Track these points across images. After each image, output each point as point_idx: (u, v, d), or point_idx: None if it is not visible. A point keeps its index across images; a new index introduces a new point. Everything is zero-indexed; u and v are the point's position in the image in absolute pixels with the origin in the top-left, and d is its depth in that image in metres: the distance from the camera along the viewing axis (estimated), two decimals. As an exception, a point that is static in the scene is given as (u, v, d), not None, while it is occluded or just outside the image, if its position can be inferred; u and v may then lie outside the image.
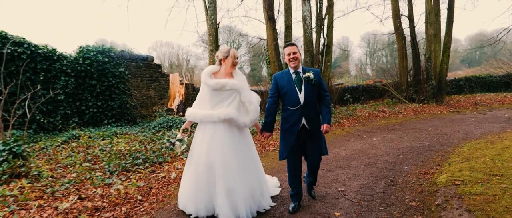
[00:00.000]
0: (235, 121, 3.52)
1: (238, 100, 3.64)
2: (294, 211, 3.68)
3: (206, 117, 3.55)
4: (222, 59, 3.70)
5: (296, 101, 3.56)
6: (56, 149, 6.84)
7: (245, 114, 3.67)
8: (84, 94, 9.66)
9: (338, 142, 7.92)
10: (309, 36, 13.70)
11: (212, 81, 3.55)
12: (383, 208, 3.77)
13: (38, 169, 5.01)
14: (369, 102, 16.40)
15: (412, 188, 4.42)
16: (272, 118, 3.78)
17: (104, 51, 10.07)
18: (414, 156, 6.23)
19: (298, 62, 3.62)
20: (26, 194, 4.02)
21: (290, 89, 3.59)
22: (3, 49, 8.01)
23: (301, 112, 3.57)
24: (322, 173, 5.31)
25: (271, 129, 3.81)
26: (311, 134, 3.64)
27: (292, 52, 3.59)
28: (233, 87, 3.57)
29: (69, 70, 9.26)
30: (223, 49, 3.71)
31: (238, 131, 3.65)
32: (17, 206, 3.69)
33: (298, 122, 3.57)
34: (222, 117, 3.48)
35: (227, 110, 3.51)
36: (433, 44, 14.63)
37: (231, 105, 3.56)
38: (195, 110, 3.69)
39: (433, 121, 10.86)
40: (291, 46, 3.63)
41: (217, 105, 3.58)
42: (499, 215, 3.05)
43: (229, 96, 3.58)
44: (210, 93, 3.59)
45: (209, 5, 11.19)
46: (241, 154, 3.56)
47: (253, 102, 3.65)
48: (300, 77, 3.61)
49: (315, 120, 3.64)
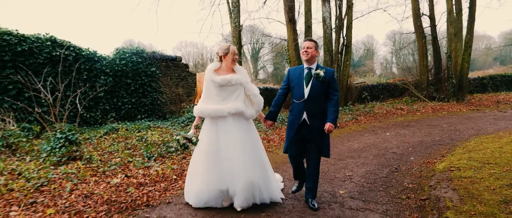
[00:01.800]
0: (244, 113, 3.70)
1: (244, 94, 3.82)
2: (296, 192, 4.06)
3: (216, 112, 3.66)
4: (222, 56, 3.81)
5: (301, 95, 3.67)
6: (99, 139, 7.81)
7: (250, 106, 3.86)
8: (120, 92, 10.68)
9: (352, 136, 8.45)
10: (328, 36, 14.19)
11: (218, 78, 3.70)
12: (382, 189, 4.34)
13: (89, 154, 5.92)
14: (388, 100, 16.64)
15: (412, 174, 4.95)
16: (276, 108, 3.92)
17: (138, 52, 11.05)
18: (423, 149, 6.68)
19: (310, 57, 3.69)
20: (83, 172, 4.90)
21: (298, 83, 3.71)
22: (53, 52, 9.11)
23: (304, 106, 3.66)
24: (334, 161, 5.91)
25: (274, 118, 3.97)
26: (312, 132, 3.67)
27: (307, 47, 3.69)
28: (238, 81, 3.73)
29: (107, 70, 10.29)
30: (223, 46, 3.84)
31: (245, 123, 3.78)
32: (78, 180, 4.55)
33: (299, 116, 3.68)
34: (232, 111, 3.63)
35: (235, 104, 3.67)
36: (453, 43, 14.73)
37: (238, 99, 3.74)
38: (203, 106, 3.77)
39: (450, 118, 11.12)
40: (308, 41, 3.74)
41: (225, 100, 3.71)
42: (478, 192, 3.57)
43: (235, 90, 3.74)
44: (217, 89, 3.72)
45: (233, 9, 11.97)
46: (248, 144, 3.67)
47: (257, 95, 3.85)
48: (310, 73, 3.69)
49: (318, 117, 3.66)
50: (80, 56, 9.73)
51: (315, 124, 3.65)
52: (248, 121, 3.83)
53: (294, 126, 3.72)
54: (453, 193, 3.67)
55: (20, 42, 8.63)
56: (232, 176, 3.54)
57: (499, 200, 3.29)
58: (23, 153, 6.18)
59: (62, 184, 4.38)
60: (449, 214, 3.14)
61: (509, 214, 2.99)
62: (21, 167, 4.92)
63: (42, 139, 7.46)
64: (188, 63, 40.16)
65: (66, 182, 4.43)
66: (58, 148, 5.71)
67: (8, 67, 8.44)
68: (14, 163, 5.18)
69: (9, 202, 3.73)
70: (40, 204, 3.71)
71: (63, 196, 3.99)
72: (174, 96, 12.06)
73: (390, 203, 3.82)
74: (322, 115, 3.67)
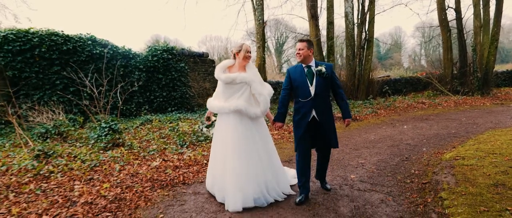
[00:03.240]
0: (244, 112, 3.70)
1: (249, 92, 3.80)
2: (300, 203, 3.74)
3: (219, 109, 3.82)
4: (235, 53, 3.89)
5: (307, 94, 3.69)
6: (136, 129, 8.65)
7: (256, 105, 3.82)
8: (153, 86, 11.55)
9: (370, 128, 8.84)
10: (350, 31, 14.50)
11: (223, 76, 3.78)
12: (390, 175, 4.82)
13: (130, 141, 6.72)
14: (411, 94, 16.68)
15: (421, 162, 5.37)
16: (283, 109, 3.92)
17: (168, 49, 11.85)
18: (437, 141, 7.01)
19: (303, 58, 3.73)
20: (127, 156, 5.67)
21: (302, 82, 3.71)
22: (93, 50, 10.05)
23: (312, 104, 3.69)
24: (349, 151, 6.39)
25: (283, 120, 3.95)
26: (321, 126, 3.75)
27: (299, 48, 3.73)
28: (243, 80, 3.74)
29: (141, 66, 11.16)
30: (237, 44, 3.92)
31: (251, 121, 3.80)
32: (124, 163, 5.32)
33: (308, 114, 3.70)
34: (232, 109, 3.69)
35: (237, 102, 3.71)
36: (479, 36, 14.60)
37: (241, 97, 3.76)
38: (213, 102, 3.96)
39: (471, 112, 11.20)
40: (299, 42, 3.77)
41: (230, 97, 3.80)
42: (474, 177, 3.99)
43: (240, 89, 3.77)
44: (223, 86, 3.83)
45: (257, 7, 12.52)
46: (251, 143, 3.72)
47: (262, 94, 3.79)
48: (311, 71, 3.72)
49: (325, 113, 3.75)
50: (117, 53, 10.63)
51: (324, 119, 3.72)
52: (253, 120, 3.81)
53: (303, 125, 3.71)
54: (451, 178, 4.10)
55: (66, 42, 9.60)
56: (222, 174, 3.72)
57: (490, 184, 3.71)
58: (73, 140, 7.08)
59: (111, 165, 5.16)
60: (443, 194, 3.60)
61: (495, 194, 3.42)
62: (76, 151, 5.77)
63: (86, 128, 8.38)
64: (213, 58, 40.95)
65: (114, 164, 5.21)
66: (104, 136, 6.54)
67: (56, 65, 9.44)
68: (69, 148, 6.04)
69: (72, 178, 4.52)
70: (96, 180, 4.49)
71: (113, 174, 4.76)
72: (201, 90, 12.83)
73: (395, 186, 4.30)
74: (328, 109, 3.78)
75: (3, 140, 7.25)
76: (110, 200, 3.77)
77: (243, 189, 3.56)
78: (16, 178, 4.38)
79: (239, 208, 3.51)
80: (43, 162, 5.00)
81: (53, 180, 4.41)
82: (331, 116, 3.84)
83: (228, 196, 3.58)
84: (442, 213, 3.24)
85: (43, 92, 9.24)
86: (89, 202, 3.68)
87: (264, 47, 13.23)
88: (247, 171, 3.62)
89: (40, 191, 3.97)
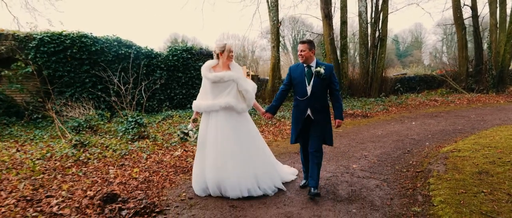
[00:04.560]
0: (234, 107, 3.90)
1: (236, 89, 3.98)
2: (304, 186, 4.16)
3: (209, 107, 3.92)
4: (219, 53, 4.00)
5: (304, 93, 3.88)
6: (158, 123, 9.36)
7: (242, 101, 4.02)
8: (173, 84, 12.26)
9: (379, 124, 9.23)
10: (364, 30, 14.81)
11: (211, 75, 3.91)
12: (390, 165, 5.26)
13: (154, 134, 7.40)
14: (425, 92, 16.80)
15: (420, 155, 5.78)
16: (277, 103, 4.17)
17: (187, 49, 12.53)
18: (441, 136, 7.36)
19: (304, 59, 3.87)
20: (152, 147, 6.33)
21: (301, 81, 3.90)
22: (119, 51, 10.83)
23: (308, 103, 3.88)
24: (355, 144, 6.85)
25: (274, 112, 4.21)
26: (315, 125, 3.92)
27: (301, 50, 3.88)
28: (230, 78, 3.91)
29: (162, 65, 11.89)
30: (219, 44, 4.01)
31: (238, 116, 4.01)
32: (149, 152, 5.98)
33: (304, 112, 3.91)
34: (223, 105, 3.85)
35: (226, 99, 3.88)
36: (494, 34, 14.62)
37: (229, 94, 3.92)
38: (199, 102, 4.06)
39: (482, 109, 11.37)
40: (301, 43, 3.90)
41: (218, 95, 3.94)
42: (463, 166, 4.41)
43: (228, 86, 3.93)
44: (211, 85, 3.94)
45: (271, 8, 13.03)
46: (240, 137, 3.93)
47: (248, 91, 4.00)
48: (311, 71, 3.88)
49: (321, 112, 3.90)
50: (140, 53, 11.39)
51: (318, 118, 3.89)
52: (240, 114, 4.03)
53: (299, 121, 3.97)
54: (443, 167, 4.53)
55: (94, 43, 10.41)
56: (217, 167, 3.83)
57: (475, 171, 4.13)
58: (103, 132, 7.83)
59: (139, 154, 5.83)
60: (431, 180, 4.05)
61: (477, 180, 3.84)
62: (107, 142, 6.47)
63: (113, 122, 9.14)
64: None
65: (141, 153, 5.88)
66: (130, 129, 7.23)
67: (85, 64, 10.27)
68: (101, 139, 6.76)
69: (106, 163, 5.21)
70: (127, 166, 5.15)
71: (141, 161, 5.41)
72: (218, 88, 13.45)
73: (391, 174, 4.76)
74: (324, 109, 3.93)
75: (41, 132, 8.09)
76: (141, 181, 4.41)
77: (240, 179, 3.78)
78: (60, 163, 5.10)
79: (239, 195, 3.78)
80: (80, 150, 5.72)
81: (90, 165, 5.10)
82: (328, 115, 3.96)
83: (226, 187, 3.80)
84: (426, 195, 3.70)
85: (74, 89, 10.09)
86: (123, 182, 4.32)
87: (278, 46, 13.73)
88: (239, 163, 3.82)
89: (82, 173, 4.65)
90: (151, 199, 3.77)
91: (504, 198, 3.31)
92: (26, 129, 8.43)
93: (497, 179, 3.83)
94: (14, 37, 9.52)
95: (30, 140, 7.24)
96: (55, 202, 3.52)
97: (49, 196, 3.72)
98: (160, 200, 3.79)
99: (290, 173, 4.70)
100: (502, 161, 4.48)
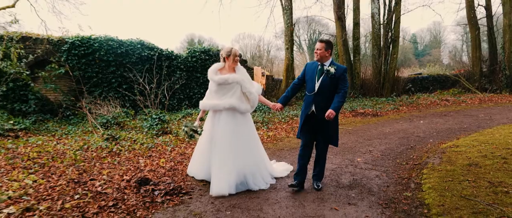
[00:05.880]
0: (237, 108, 4.16)
1: (240, 91, 4.23)
2: (291, 186, 4.09)
3: (213, 106, 4.22)
4: (225, 57, 4.25)
5: (312, 89, 4.04)
6: (179, 121, 10.05)
7: (246, 102, 4.29)
8: (192, 84, 12.96)
9: (388, 123, 9.63)
10: (377, 31, 15.15)
11: (217, 77, 4.18)
12: (392, 159, 5.73)
13: (175, 130, 8.06)
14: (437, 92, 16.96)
15: (421, 150, 6.21)
16: (289, 93, 4.31)
17: (205, 51, 13.21)
18: (445, 134, 7.73)
19: (319, 57, 4.00)
20: (175, 142, 6.98)
21: (311, 77, 4.07)
22: (142, 53, 11.61)
23: (313, 99, 4.03)
24: (362, 140, 7.31)
25: (285, 103, 4.34)
26: (319, 123, 4.03)
27: (317, 48, 4.02)
28: (235, 80, 4.16)
29: (182, 66, 12.61)
30: (226, 49, 4.28)
31: (241, 117, 4.27)
32: (173, 146, 6.63)
33: (309, 107, 4.08)
34: (227, 106, 4.12)
35: (230, 100, 4.13)
36: (507, 34, 14.70)
37: (234, 96, 4.17)
38: (206, 101, 4.36)
39: (492, 109, 11.57)
40: (319, 42, 4.04)
41: (223, 96, 4.19)
42: (456, 159, 4.85)
43: (232, 88, 4.18)
44: (216, 87, 4.20)
45: (285, 11, 13.56)
46: (240, 136, 4.20)
47: (252, 93, 4.26)
48: (322, 69, 4.01)
49: (325, 110, 3.93)
50: (162, 55, 12.13)
51: (322, 116, 3.94)
52: (243, 115, 4.30)
53: (303, 116, 4.15)
54: (438, 160, 4.98)
55: (120, 46, 11.21)
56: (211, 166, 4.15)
57: (465, 163, 4.58)
58: (129, 128, 8.56)
59: (163, 147, 6.49)
60: (425, 170, 4.53)
61: (465, 171, 4.30)
62: (134, 136, 7.17)
63: (137, 119, 9.88)
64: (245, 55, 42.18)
65: (165, 146, 6.54)
66: (155, 125, 7.93)
67: (112, 66, 11.08)
68: (128, 134, 7.48)
69: (136, 155, 5.88)
70: (154, 157, 5.81)
71: (166, 153, 6.07)
72: (234, 87, 14.08)
73: (392, 166, 5.24)
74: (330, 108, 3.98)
75: (74, 127, 8.89)
76: (167, 169, 5.05)
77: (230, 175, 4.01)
78: (96, 153, 5.81)
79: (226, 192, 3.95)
80: (112, 143, 6.43)
81: (122, 155, 5.79)
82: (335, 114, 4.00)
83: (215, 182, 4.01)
84: (418, 183, 4.18)
85: (102, 89, 10.92)
86: (152, 170, 4.97)
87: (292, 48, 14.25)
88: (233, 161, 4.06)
89: (116, 162, 5.34)
90: (177, 183, 4.39)
91: (485, 184, 3.77)
92: (60, 125, 9.26)
93: (484, 170, 4.28)
94: (48, 41, 10.41)
95: (65, 135, 8.03)
96: (98, 184, 4.19)
97: (92, 179, 4.40)
98: (185, 184, 4.40)
99: (284, 169, 5.00)
100: (493, 155, 4.90)
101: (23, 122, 8.18)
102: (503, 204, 3.17)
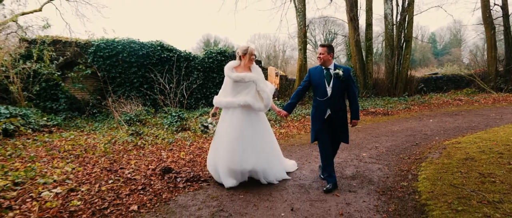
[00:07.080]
0: (251, 106, 4.21)
1: (255, 89, 4.30)
2: (328, 191, 4.07)
3: (229, 104, 4.26)
4: (241, 56, 4.32)
5: (324, 94, 4.10)
6: (196, 119, 10.61)
7: (260, 101, 4.34)
8: (208, 84, 13.55)
9: (397, 121, 9.91)
10: (390, 32, 15.35)
11: (234, 75, 4.23)
12: (395, 154, 6.09)
13: (193, 127, 8.63)
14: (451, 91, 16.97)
15: (425, 147, 6.53)
16: (294, 100, 4.39)
17: (221, 52, 13.77)
18: (452, 132, 7.97)
19: (322, 61, 4.12)
20: (193, 137, 7.53)
21: (321, 82, 4.11)
22: (162, 54, 12.26)
23: (328, 103, 4.11)
24: (370, 137, 7.67)
25: (290, 110, 4.42)
26: (335, 124, 4.20)
27: (320, 52, 4.12)
28: (251, 79, 4.23)
29: (199, 67, 13.21)
30: (242, 47, 4.34)
31: (255, 114, 4.34)
32: (191, 141, 7.18)
33: (324, 112, 4.15)
34: (241, 103, 4.17)
35: (245, 98, 4.20)
36: (522, 34, 14.64)
37: (249, 94, 4.25)
38: (220, 98, 4.41)
39: (505, 108, 11.63)
40: (321, 47, 4.14)
41: (238, 94, 4.26)
42: (454, 153, 5.18)
43: (248, 86, 4.26)
44: (232, 84, 4.27)
45: (299, 13, 13.97)
46: (255, 132, 4.28)
47: (265, 92, 4.29)
48: (330, 73, 4.10)
49: (339, 112, 4.14)
50: (180, 56, 12.76)
51: (338, 118, 4.16)
52: (257, 113, 4.38)
53: (319, 120, 4.19)
54: (438, 155, 5.32)
55: (141, 48, 11.90)
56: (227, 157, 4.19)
57: (462, 158, 4.91)
58: (150, 125, 9.18)
59: (183, 142, 7.05)
60: (423, 164, 4.89)
61: (461, 164, 4.64)
62: (156, 132, 7.77)
63: (157, 117, 10.51)
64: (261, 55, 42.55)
65: (185, 141, 7.10)
66: (174, 122, 8.51)
67: (134, 66, 11.77)
68: (150, 130, 8.08)
69: (158, 148, 6.46)
70: (175, 150, 6.37)
71: (185, 147, 6.62)
72: (249, 87, 14.59)
73: (394, 161, 5.61)
74: (343, 109, 4.20)
75: (100, 124, 9.59)
76: (187, 161, 5.59)
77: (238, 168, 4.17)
78: (123, 147, 6.42)
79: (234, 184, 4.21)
80: (137, 138, 7.03)
81: (146, 149, 6.37)
82: (345, 114, 4.24)
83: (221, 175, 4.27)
84: (416, 174, 4.56)
85: (124, 88, 11.64)
86: (174, 161, 5.52)
87: (305, 49, 14.63)
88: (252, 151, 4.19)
89: (141, 154, 5.92)
90: (196, 172, 4.92)
91: (475, 175, 4.12)
92: (88, 122, 10.00)
93: (478, 163, 4.61)
94: (76, 44, 11.19)
95: (92, 130, 8.72)
96: (127, 171, 4.76)
97: (122, 168, 4.98)
98: (204, 173, 4.92)
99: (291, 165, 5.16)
100: (491, 150, 5.20)
101: (55, 118, 8.93)
102: (487, 191, 3.53)
